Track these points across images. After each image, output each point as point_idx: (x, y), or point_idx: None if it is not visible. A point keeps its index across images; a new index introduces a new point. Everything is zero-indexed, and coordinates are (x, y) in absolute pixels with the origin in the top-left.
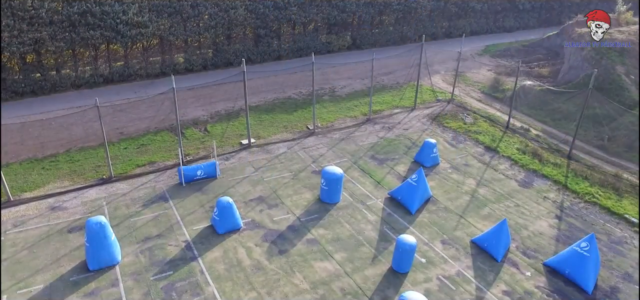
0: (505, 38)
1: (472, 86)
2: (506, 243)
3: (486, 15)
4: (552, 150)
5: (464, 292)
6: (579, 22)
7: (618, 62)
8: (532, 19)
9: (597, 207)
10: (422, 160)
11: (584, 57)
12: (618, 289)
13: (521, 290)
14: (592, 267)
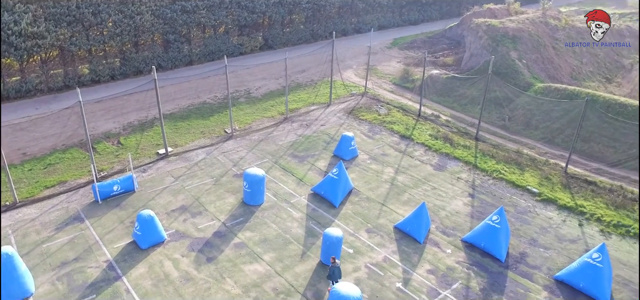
0: (411, 31)
1: (384, 78)
2: (427, 225)
3: (392, 9)
4: (461, 133)
5: (392, 276)
6: (476, 13)
7: (511, 48)
8: (435, 11)
9: (504, 182)
10: (341, 154)
11: (482, 45)
12: (526, 254)
13: (444, 267)
14: (503, 237)
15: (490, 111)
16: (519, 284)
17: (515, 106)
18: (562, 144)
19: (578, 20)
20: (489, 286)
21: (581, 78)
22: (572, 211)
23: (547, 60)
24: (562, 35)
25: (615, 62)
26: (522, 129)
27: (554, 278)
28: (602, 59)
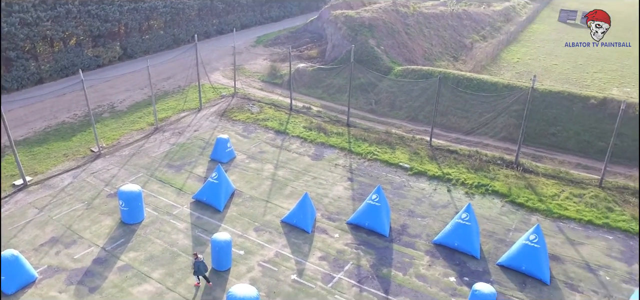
0: (273, 27)
1: (252, 77)
2: (312, 214)
3: (253, 8)
4: (333, 122)
5: (286, 269)
6: (333, 6)
7: (369, 37)
8: (294, 7)
9: (378, 162)
10: (218, 157)
11: (342, 36)
12: (407, 225)
13: (334, 251)
14: (384, 214)
15: (358, 97)
16: (404, 254)
17: (380, 90)
18: (424, 120)
19: (424, 7)
20: (377, 261)
21: (433, 58)
22: (441, 179)
23: (402, 45)
24: (412, 21)
25: (459, 42)
26: (388, 110)
27: (433, 242)
28: (448, 40)
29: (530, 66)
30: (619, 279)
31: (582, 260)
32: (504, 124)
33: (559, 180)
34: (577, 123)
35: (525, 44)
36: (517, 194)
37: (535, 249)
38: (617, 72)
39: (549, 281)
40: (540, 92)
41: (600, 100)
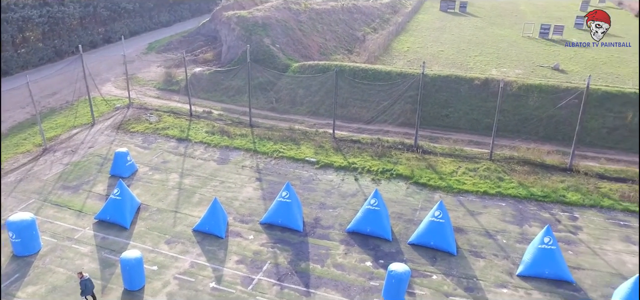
0: (165, 32)
1: (147, 85)
2: (224, 219)
3: (141, 13)
4: (236, 124)
5: (203, 278)
6: (225, 7)
7: (264, 36)
8: (185, 10)
9: (285, 159)
10: (119, 172)
11: (237, 37)
12: (319, 218)
13: (250, 253)
14: (296, 209)
15: (258, 97)
16: (320, 246)
17: (279, 88)
18: (326, 113)
19: (315, 3)
20: (295, 257)
21: (328, 53)
22: (347, 169)
23: (297, 42)
24: (305, 18)
25: (352, 36)
26: (289, 107)
27: (346, 231)
28: (341, 34)
29: (419, 54)
30: (514, 240)
31: (482, 228)
32: (401, 110)
33: (455, 158)
34: (466, 103)
35: (413, 33)
36: (420, 175)
37: (440, 224)
38: (494, 54)
39: (456, 252)
40: (431, 77)
41: (483, 81)
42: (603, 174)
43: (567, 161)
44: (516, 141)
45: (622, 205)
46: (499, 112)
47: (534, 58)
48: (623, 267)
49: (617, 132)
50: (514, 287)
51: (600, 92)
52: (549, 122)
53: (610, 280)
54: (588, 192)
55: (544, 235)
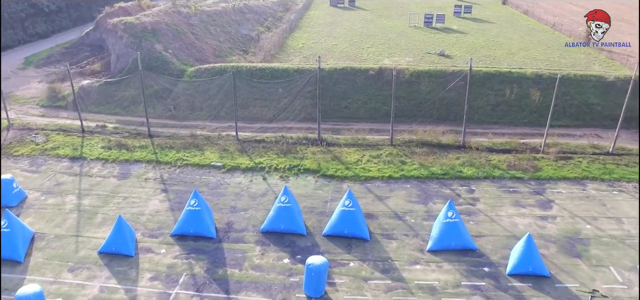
0: (44, 45)
1: (28, 104)
2: (132, 236)
3: (12, 25)
4: (134, 135)
5: None
6: (109, 14)
7: (155, 42)
8: (65, 19)
9: (189, 166)
10: (5, 201)
11: (126, 45)
12: (232, 222)
13: (164, 268)
14: (207, 216)
15: (155, 106)
16: (236, 251)
17: (177, 94)
18: (227, 115)
19: (206, 5)
20: (211, 265)
21: (224, 55)
22: (255, 170)
23: (190, 46)
24: (196, 21)
25: (246, 36)
26: (189, 113)
27: (260, 232)
28: (235, 35)
29: (314, 49)
30: (421, 219)
31: (390, 211)
32: (302, 105)
33: (359, 147)
34: (363, 93)
35: (306, 29)
36: (327, 167)
37: (351, 212)
38: (385, 45)
39: (369, 237)
40: (327, 71)
41: (377, 71)
42: (492, 147)
43: (460, 139)
44: (413, 125)
45: (509, 173)
46: (394, 99)
47: (421, 46)
48: (516, 229)
49: (499, 108)
50: (426, 262)
51: (482, 73)
52: (441, 104)
53: (507, 242)
54: (481, 166)
55: (447, 210)
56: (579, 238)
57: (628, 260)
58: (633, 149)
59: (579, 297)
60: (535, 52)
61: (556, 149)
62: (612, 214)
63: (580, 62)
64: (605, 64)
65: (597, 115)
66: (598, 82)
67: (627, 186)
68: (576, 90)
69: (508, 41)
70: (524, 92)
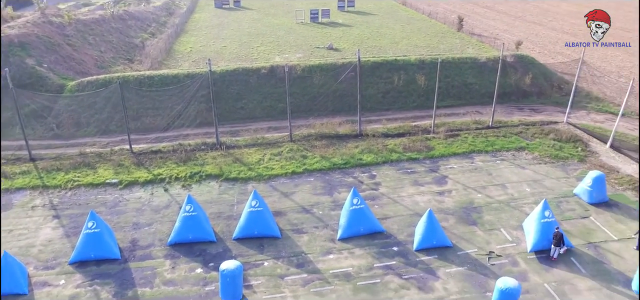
0: None
1: None
2: (22, 272)
3: None
4: (12, 161)
5: None
6: None
7: (25, 56)
8: None
9: (82, 187)
10: None
11: None
12: (136, 239)
13: (66, 297)
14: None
15: (34, 127)
16: (144, 268)
17: (58, 112)
18: (118, 129)
19: (81, 14)
20: (119, 288)
21: (107, 65)
22: (154, 182)
23: (68, 58)
24: (71, 31)
25: (129, 44)
26: (75, 130)
27: (168, 245)
28: (118, 44)
29: (204, 52)
30: (328, 209)
31: (298, 206)
32: (197, 111)
33: (259, 147)
34: (258, 93)
35: (193, 33)
36: (229, 171)
37: (259, 212)
38: (275, 43)
39: (280, 234)
40: (219, 73)
41: (269, 69)
42: (387, 132)
43: (356, 128)
44: (310, 119)
45: (406, 155)
46: (289, 95)
47: (310, 41)
48: (417, 207)
49: (389, 94)
50: (339, 251)
51: (370, 63)
52: (335, 96)
53: (410, 220)
54: (379, 151)
55: (352, 198)
56: (473, 207)
57: (514, 220)
58: (508, 120)
59: (479, 260)
60: (417, 40)
61: (445, 128)
62: (497, 182)
63: (456, 47)
64: (477, 47)
65: (476, 94)
66: (473, 64)
67: (506, 155)
68: (456, 72)
69: (391, 31)
70: (410, 77)
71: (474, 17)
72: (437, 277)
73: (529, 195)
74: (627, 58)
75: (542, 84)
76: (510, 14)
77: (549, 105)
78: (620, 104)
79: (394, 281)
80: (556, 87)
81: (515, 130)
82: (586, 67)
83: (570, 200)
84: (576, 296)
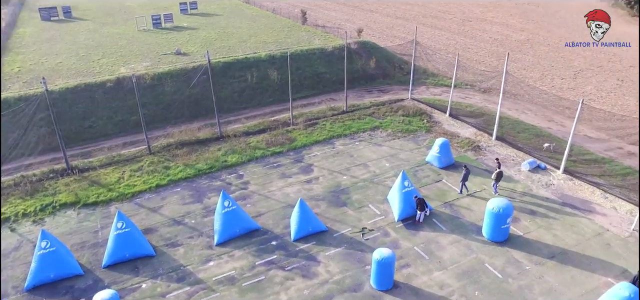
0: None
1: None
2: None
3: None
4: None
5: None
6: None
7: None
8: None
9: None
10: None
11: None
12: None
13: None
14: None
15: None
16: None
17: None
18: None
19: None
20: None
21: None
22: None
23: None
24: None
25: None
26: None
27: (25, 291)
28: None
29: (36, 71)
30: (201, 217)
31: (168, 219)
32: (38, 136)
33: (116, 165)
34: (106, 108)
35: (19, 51)
36: (86, 196)
37: (127, 233)
38: (117, 53)
39: (154, 252)
40: (58, 92)
41: (115, 82)
42: (247, 131)
43: (217, 130)
44: (168, 128)
45: (270, 151)
46: (141, 106)
47: (156, 48)
48: (289, 199)
49: (245, 93)
50: (218, 256)
51: (221, 64)
52: (190, 101)
53: (284, 212)
54: (242, 150)
55: (223, 201)
56: (341, 189)
57: (379, 195)
58: (360, 103)
59: (354, 238)
60: (265, 36)
61: (303, 119)
62: (359, 162)
63: (303, 39)
64: (323, 37)
65: (327, 82)
66: (322, 54)
67: (364, 135)
68: (306, 64)
69: (238, 30)
70: (263, 74)
71: (316, 10)
72: (318, 262)
73: (389, 169)
74: (450, 37)
75: (385, 66)
76: (349, 5)
77: (394, 85)
78: (451, 77)
79: (278, 275)
80: (398, 67)
81: (368, 111)
82: (420, 47)
83: (424, 167)
84: (441, 251)
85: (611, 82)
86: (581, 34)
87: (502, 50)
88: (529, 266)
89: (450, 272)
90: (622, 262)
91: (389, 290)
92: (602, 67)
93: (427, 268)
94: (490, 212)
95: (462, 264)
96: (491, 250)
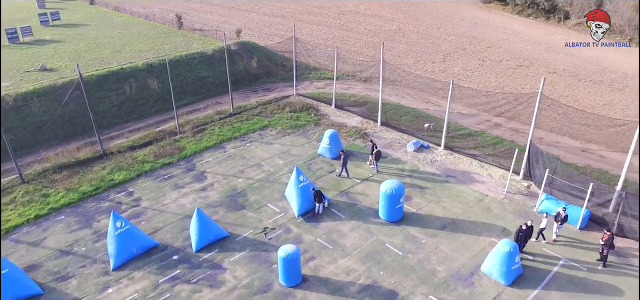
0: None
1: None
2: None
3: None
4: None
5: None
6: None
7: None
8: None
9: None
10: None
11: None
12: None
13: None
14: None
15: None
16: None
17: None
18: None
19: None
20: None
21: None
22: None
23: None
24: None
25: None
26: None
27: None
28: None
29: None
30: (92, 242)
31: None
32: None
33: None
34: None
35: None
36: None
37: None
38: None
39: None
40: None
41: None
42: (132, 145)
43: (98, 149)
44: (41, 152)
45: (159, 163)
46: (5, 131)
47: (16, 65)
48: (185, 209)
49: (125, 106)
50: (116, 282)
51: (95, 77)
52: (64, 120)
53: (182, 224)
54: (129, 166)
55: (114, 222)
56: (237, 193)
57: (277, 193)
58: (247, 104)
59: (257, 239)
60: (140, 45)
61: (190, 126)
62: (253, 163)
63: (181, 45)
64: (202, 41)
65: (211, 86)
66: (202, 58)
67: (254, 136)
68: (187, 69)
69: (109, 40)
70: (142, 83)
71: (191, 14)
72: (224, 269)
73: (283, 166)
74: (328, 31)
75: (268, 64)
76: (224, 6)
77: (278, 82)
78: (333, 70)
79: (185, 289)
80: (280, 65)
81: (255, 111)
82: (300, 43)
83: (317, 160)
84: (343, 239)
85: (474, 63)
86: (445, 21)
87: (377, 40)
88: (425, 240)
89: (354, 258)
90: (501, 222)
91: (298, 285)
92: (465, 49)
93: (332, 257)
94: (384, 194)
95: (364, 247)
96: (389, 230)
